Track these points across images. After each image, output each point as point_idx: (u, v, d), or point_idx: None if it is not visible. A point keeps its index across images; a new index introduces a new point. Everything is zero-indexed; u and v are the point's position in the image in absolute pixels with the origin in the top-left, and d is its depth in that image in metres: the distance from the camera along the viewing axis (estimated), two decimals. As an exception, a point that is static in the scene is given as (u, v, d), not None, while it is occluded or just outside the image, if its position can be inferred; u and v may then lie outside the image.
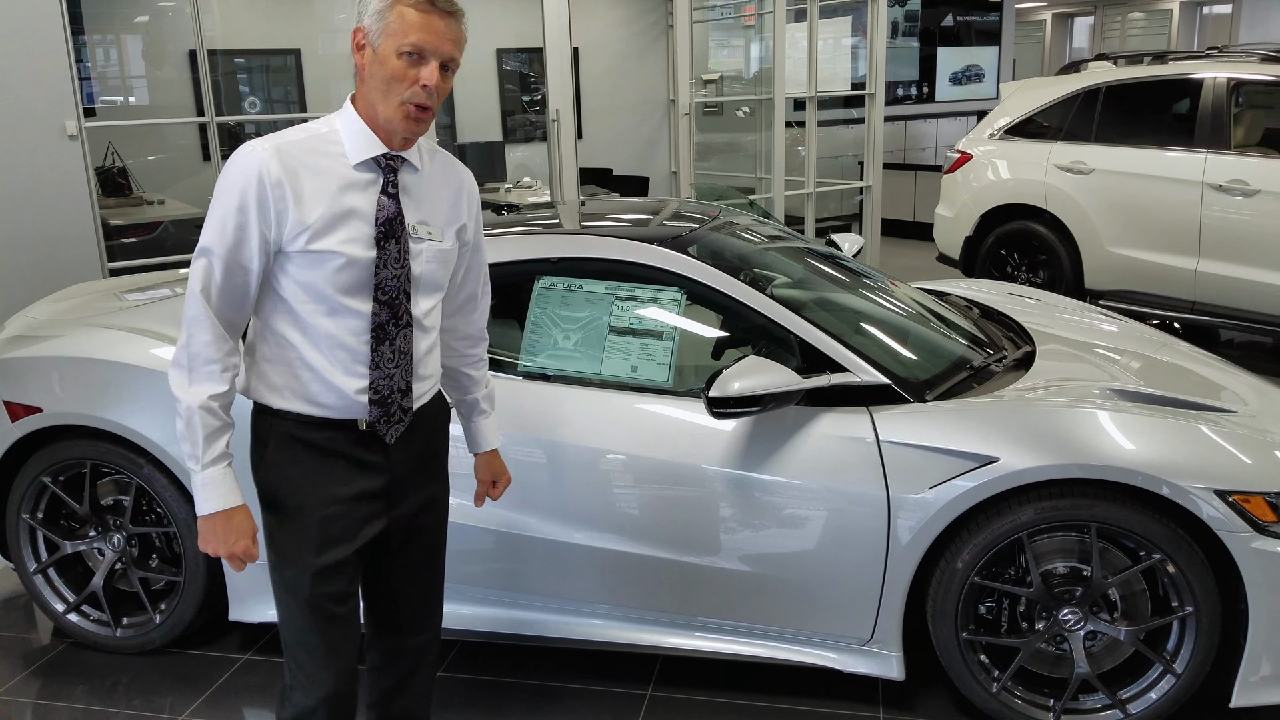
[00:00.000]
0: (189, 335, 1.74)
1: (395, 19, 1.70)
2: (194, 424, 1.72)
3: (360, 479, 1.85)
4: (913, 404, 2.55)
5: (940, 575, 2.50)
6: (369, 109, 1.77)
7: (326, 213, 1.74)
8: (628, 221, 3.31)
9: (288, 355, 1.80)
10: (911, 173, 10.35)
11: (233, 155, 1.74)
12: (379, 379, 1.81)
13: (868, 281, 3.33)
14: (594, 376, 2.68)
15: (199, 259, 1.74)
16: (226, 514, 1.76)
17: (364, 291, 1.78)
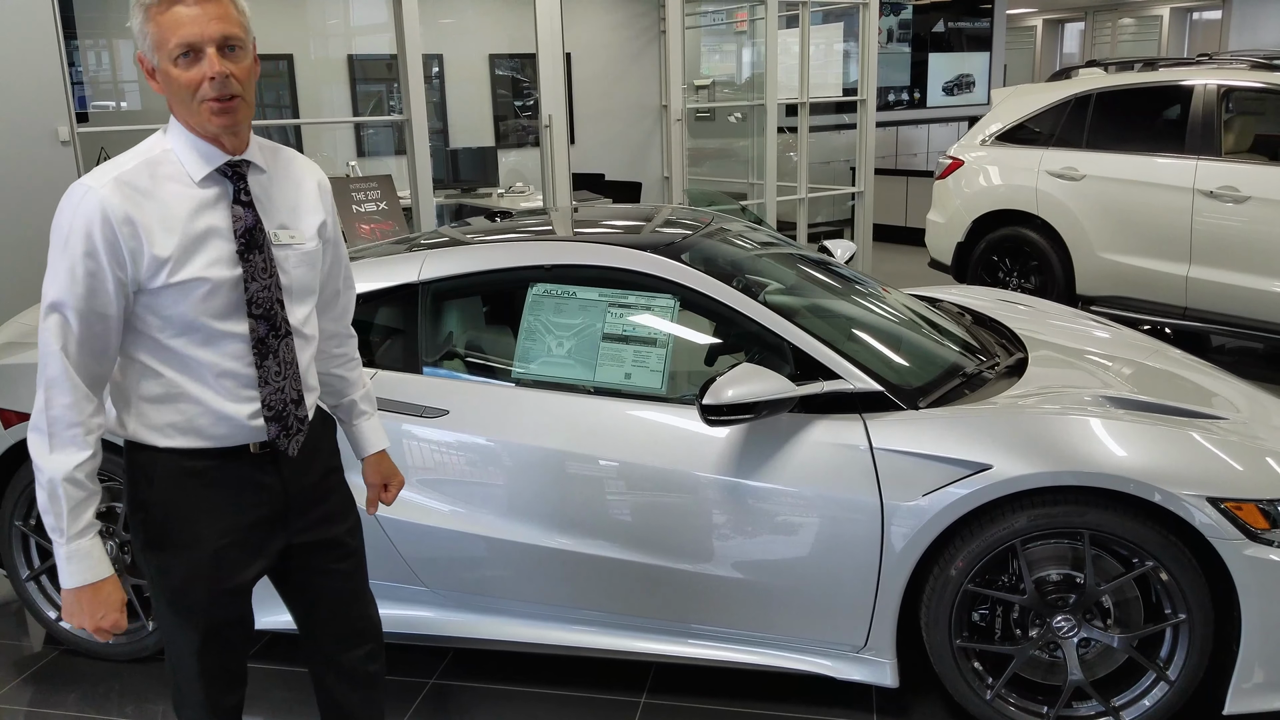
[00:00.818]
0: (48, 398, 1.61)
1: (154, 30, 1.61)
2: (58, 496, 1.61)
3: (255, 504, 1.79)
4: (906, 411, 2.55)
5: (934, 583, 2.50)
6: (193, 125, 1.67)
7: (182, 240, 1.63)
8: (621, 228, 3.32)
9: (167, 393, 1.70)
10: (903, 178, 10.39)
11: (67, 197, 1.61)
12: (270, 395, 1.74)
13: (860, 288, 3.33)
14: (587, 384, 2.68)
15: (50, 314, 1.60)
16: (94, 587, 1.66)
17: (237, 311, 1.69)
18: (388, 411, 2.68)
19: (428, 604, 2.77)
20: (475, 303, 3.09)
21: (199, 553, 1.75)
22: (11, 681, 2.96)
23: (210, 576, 1.76)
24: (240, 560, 1.79)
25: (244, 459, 1.76)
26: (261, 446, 1.77)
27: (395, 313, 2.88)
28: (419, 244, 3.07)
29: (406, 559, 2.71)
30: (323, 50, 8.12)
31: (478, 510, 2.66)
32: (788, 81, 7.94)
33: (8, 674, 3.00)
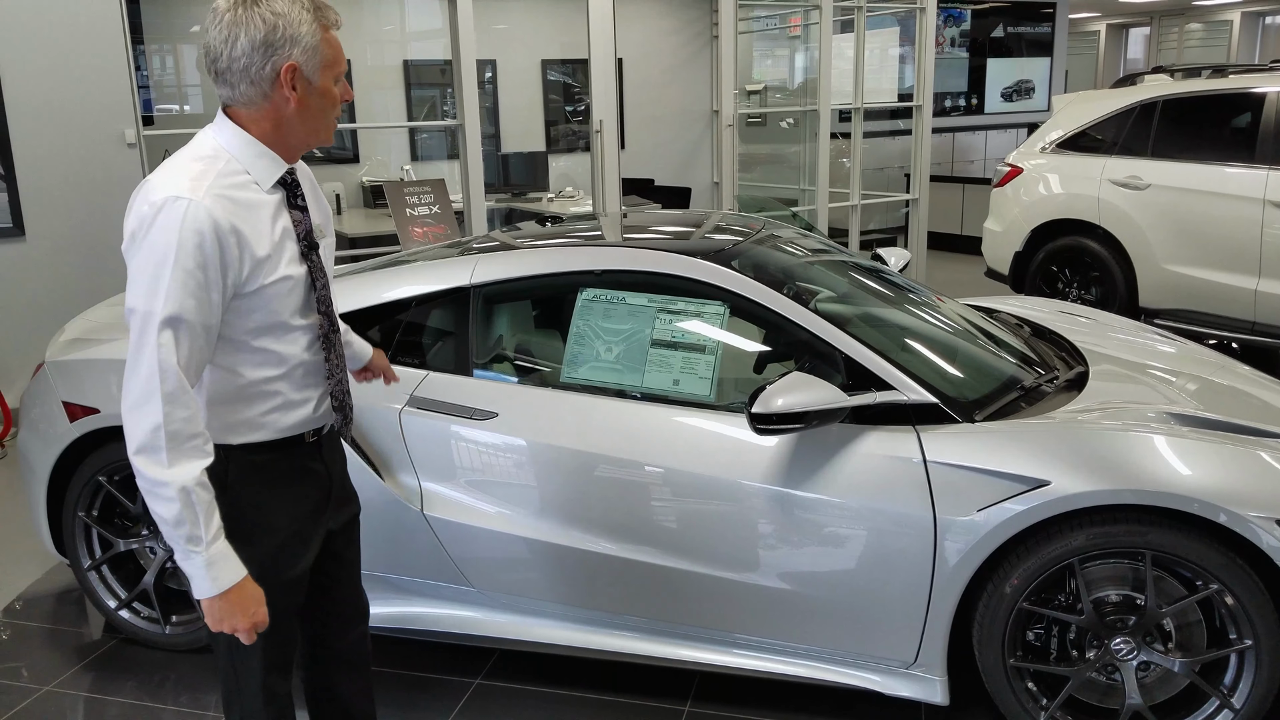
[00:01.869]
0: (167, 414, 1.59)
1: (325, 48, 1.70)
2: (192, 504, 1.60)
3: (312, 490, 1.90)
4: (961, 424, 2.50)
5: (987, 599, 2.45)
6: (274, 132, 1.72)
7: (270, 243, 1.71)
8: (671, 234, 3.30)
9: (248, 392, 1.76)
10: (959, 185, 10.23)
11: (162, 207, 1.59)
12: (335, 386, 1.87)
13: (914, 297, 3.28)
14: (635, 389, 2.67)
15: (165, 329, 1.58)
16: (239, 586, 1.66)
17: (306, 307, 1.79)
18: (437, 413, 2.70)
19: (474, 604, 2.78)
20: (526, 307, 3.10)
21: (268, 544, 1.82)
22: (72, 668, 3.04)
23: (278, 566, 1.83)
24: (302, 548, 1.88)
25: (299, 449, 1.86)
26: (313, 435, 1.87)
27: (447, 316, 2.89)
28: (470, 248, 3.09)
29: (454, 559, 2.72)
30: (379, 56, 8.24)
31: (524, 513, 2.66)
32: (842, 86, 7.88)
33: (68, 660, 3.08)
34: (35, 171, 4.96)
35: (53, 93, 4.92)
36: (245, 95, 1.69)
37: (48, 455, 3.04)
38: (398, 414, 2.72)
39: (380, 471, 2.74)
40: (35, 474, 3.10)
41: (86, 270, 5.03)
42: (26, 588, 3.56)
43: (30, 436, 3.15)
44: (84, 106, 4.97)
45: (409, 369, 2.79)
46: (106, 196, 5.06)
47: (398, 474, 2.75)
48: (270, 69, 1.66)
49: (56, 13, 4.87)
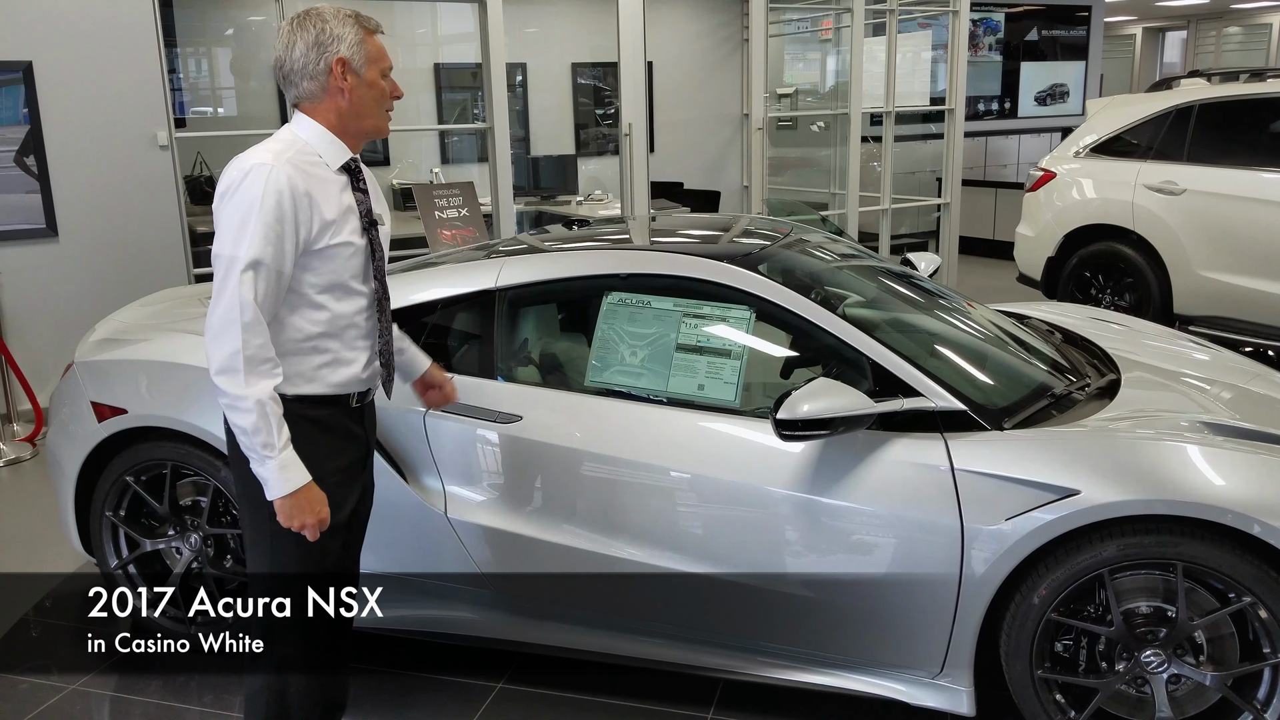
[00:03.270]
0: (245, 340, 1.90)
1: (372, 48, 2.04)
2: (266, 414, 1.91)
3: (351, 449, 2.15)
4: (989, 431, 2.47)
5: (1015, 610, 2.41)
6: (338, 122, 2.04)
7: (337, 211, 2.01)
8: (698, 238, 3.29)
9: (301, 345, 2.03)
10: (992, 190, 10.13)
11: (250, 171, 1.92)
12: (383, 347, 2.16)
13: (944, 303, 3.24)
14: (660, 394, 2.65)
15: (246, 271, 1.90)
16: (308, 488, 1.97)
17: (365, 274, 2.08)
18: (462, 415, 2.70)
19: (495, 607, 2.78)
20: (551, 310, 3.10)
21: (321, 487, 2.02)
22: (97, 667, 3.07)
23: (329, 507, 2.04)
24: (347, 496, 2.13)
25: (344, 409, 2.12)
26: (357, 400, 2.15)
27: (472, 318, 2.90)
28: (496, 251, 3.09)
29: (477, 562, 2.72)
30: (410, 59, 8.29)
31: (548, 517, 2.66)
32: (873, 90, 7.83)
33: (94, 659, 3.11)
34: (68, 173, 5.03)
35: (86, 95, 4.99)
36: (307, 91, 2.03)
37: (76, 455, 3.08)
38: (422, 417, 2.73)
39: (405, 474, 2.75)
40: (64, 473, 3.14)
41: (118, 271, 5.09)
42: (56, 586, 3.61)
43: (59, 436, 3.19)
44: (117, 109, 5.04)
45: (434, 371, 2.80)
46: (138, 198, 5.12)
47: (422, 477, 2.75)
48: (324, 64, 2.00)
49: (90, 16, 4.95)
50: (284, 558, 2.07)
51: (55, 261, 5.06)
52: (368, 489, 2.26)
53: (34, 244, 5.04)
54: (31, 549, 3.91)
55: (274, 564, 2.09)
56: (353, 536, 2.24)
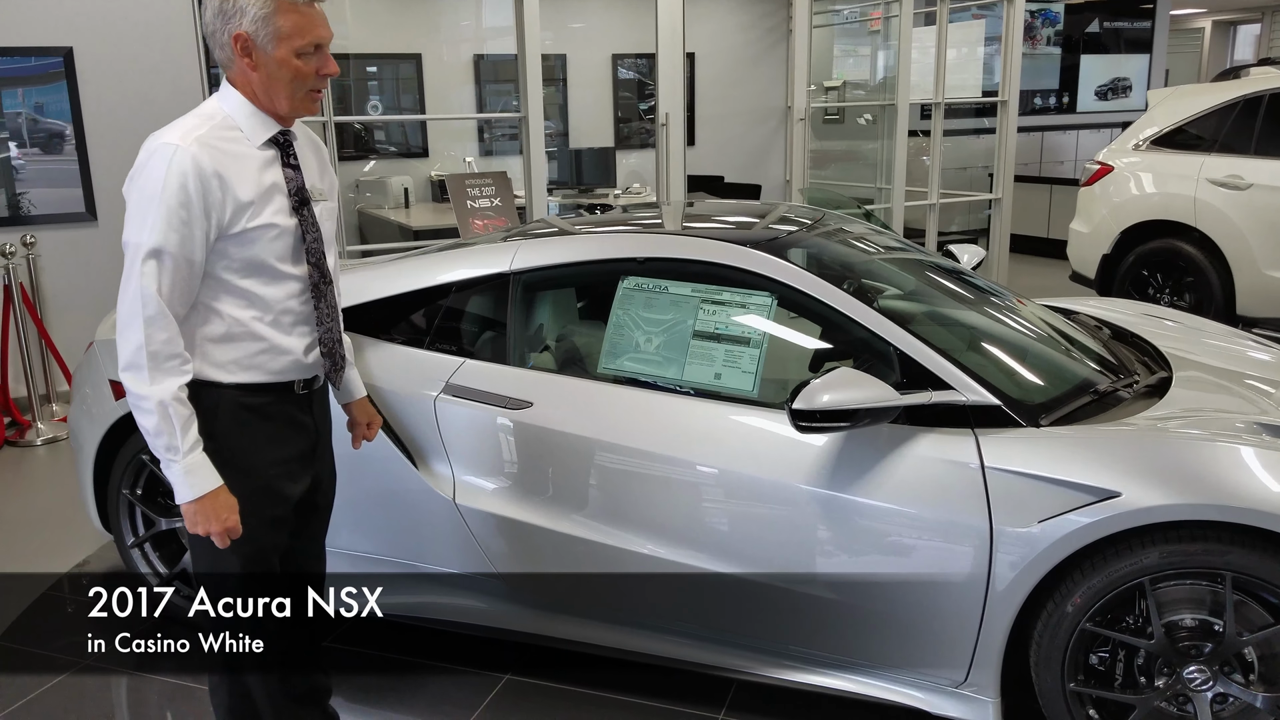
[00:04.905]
0: (148, 335, 1.78)
1: (285, 24, 1.83)
2: (168, 416, 1.79)
3: (296, 439, 2.03)
4: (1024, 428, 2.32)
5: (1047, 618, 2.26)
6: (255, 95, 1.88)
7: (255, 191, 1.86)
8: (731, 224, 3.15)
9: (234, 331, 1.91)
10: (1046, 186, 9.83)
11: (152, 153, 1.79)
12: (324, 333, 2.01)
13: (984, 295, 3.08)
14: (675, 383, 2.55)
15: (149, 260, 1.77)
16: (213, 495, 1.84)
17: (296, 256, 1.94)
18: (473, 401, 2.62)
19: (502, 597, 2.69)
20: (567, 295, 3.00)
21: (255, 480, 1.95)
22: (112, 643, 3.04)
23: (263, 502, 1.96)
24: (286, 489, 2.01)
25: (289, 398, 2.00)
26: (303, 386, 2.02)
27: (486, 302, 2.82)
28: (514, 234, 3.00)
29: (485, 550, 2.64)
30: (452, 50, 8.27)
31: (556, 507, 2.57)
32: (922, 82, 7.62)
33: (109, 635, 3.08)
34: (108, 158, 5.08)
35: (125, 81, 5.03)
36: (220, 60, 1.91)
37: (94, 432, 3.07)
38: (433, 401, 2.66)
39: (414, 459, 2.68)
40: (83, 451, 3.14)
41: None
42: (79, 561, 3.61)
43: (79, 414, 3.19)
44: (156, 94, 5.07)
45: (447, 355, 2.72)
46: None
47: (431, 462, 2.68)
48: (226, 36, 1.85)
49: (129, 3, 4.98)
50: (225, 557, 1.94)
51: (94, 245, 5.12)
52: (322, 480, 2.15)
53: (74, 228, 5.10)
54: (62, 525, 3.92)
55: (215, 563, 1.98)
56: (309, 529, 2.15)
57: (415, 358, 2.73)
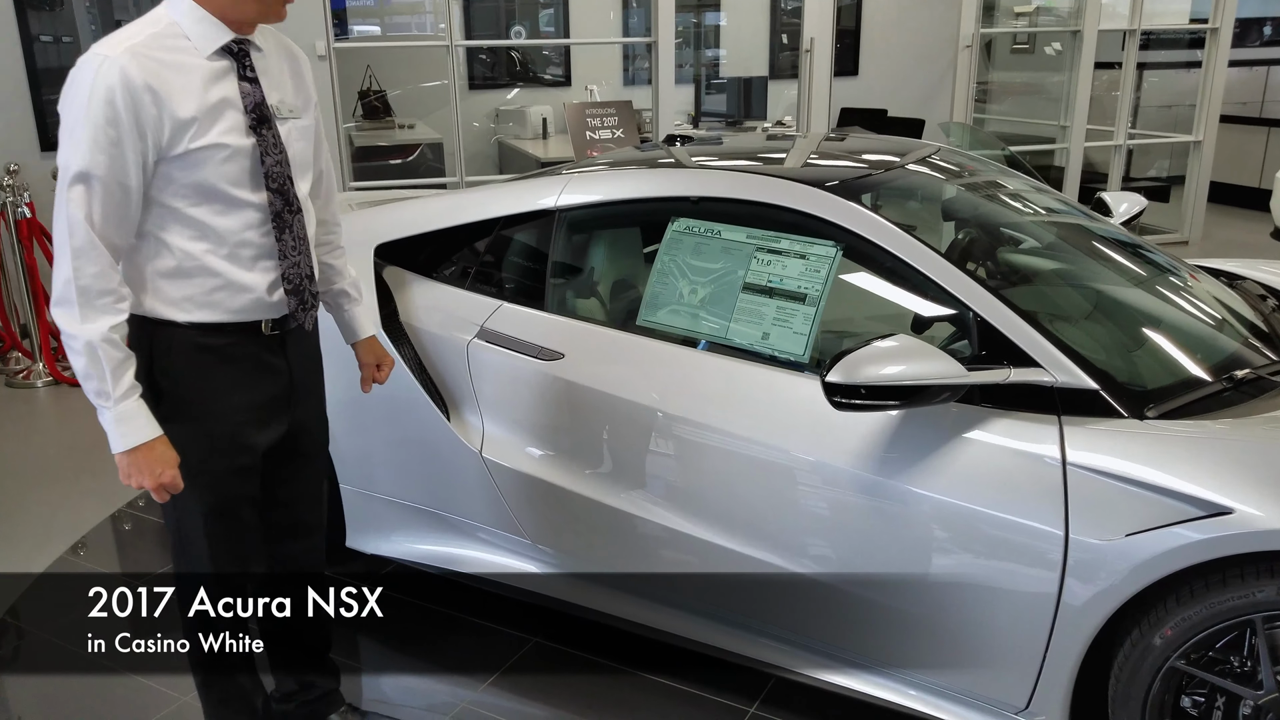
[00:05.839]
0: (75, 268, 1.61)
1: None
2: (98, 358, 1.63)
3: (266, 383, 1.85)
4: (1125, 419, 1.92)
5: (1130, 649, 1.88)
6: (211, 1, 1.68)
7: (200, 106, 1.66)
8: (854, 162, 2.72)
9: (185, 265, 1.72)
10: (1263, 129, 8.60)
11: (79, 66, 1.62)
12: (289, 269, 1.80)
13: (1124, 256, 2.61)
14: (718, 340, 2.27)
15: (74, 184, 1.61)
16: (149, 446, 1.67)
17: (253, 181, 1.73)
18: (505, 348, 2.44)
19: (530, 558, 2.54)
20: (612, 237, 2.73)
21: (217, 426, 1.79)
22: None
23: (227, 450, 1.81)
24: (252, 438, 1.84)
25: (256, 339, 1.81)
26: (272, 327, 1.82)
27: (529, 241, 2.62)
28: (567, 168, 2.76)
29: (510, 507, 2.48)
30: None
31: (582, 469, 2.37)
32: (1119, 6, 6.73)
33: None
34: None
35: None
36: None
37: None
38: (466, 346, 2.50)
39: (447, 406, 2.54)
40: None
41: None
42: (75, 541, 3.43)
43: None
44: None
45: (484, 298, 2.55)
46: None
47: (462, 410, 2.53)
48: None
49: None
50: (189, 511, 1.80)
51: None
52: (307, 425, 1.97)
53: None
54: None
55: (180, 519, 1.83)
56: (300, 478, 1.99)
57: (454, 298, 2.57)
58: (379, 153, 6.24)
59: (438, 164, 6.32)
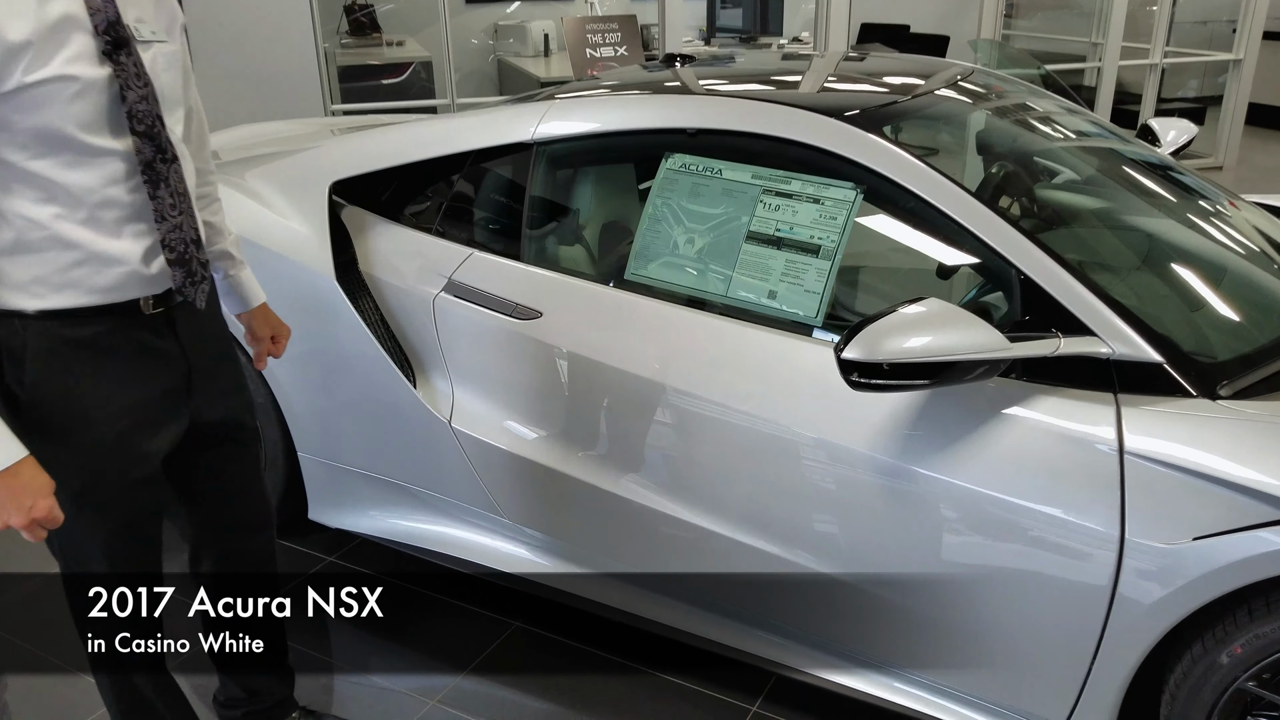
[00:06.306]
0: None
1: None
2: None
3: (158, 374, 1.52)
4: (1194, 399, 1.63)
5: (1190, 664, 1.63)
6: None
7: (37, 27, 1.30)
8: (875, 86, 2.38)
9: (29, 238, 1.37)
10: (1311, 45, 8.07)
11: None
12: (169, 233, 1.45)
13: (1181, 195, 2.29)
14: (718, 298, 1.97)
15: None
16: (12, 471, 1.32)
17: (113, 124, 1.38)
18: (472, 303, 2.15)
19: (511, 539, 2.28)
20: (598, 174, 2.39)
21: (98, 436, 1.47)
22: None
23: (119, 463, 1.50)
24: (145, 443, 1.52)
25: (136, 321, 1.47)
26: (155, 304, 1.48)
27: (503, 179, 2.30)
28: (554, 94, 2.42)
29: (484, 483, 2.22)
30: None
31: (562, 444, 2.10)
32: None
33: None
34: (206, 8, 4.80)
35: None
36: None
37: None
38: (431, 300, 2.20)
39: (411, 368, 2.26)
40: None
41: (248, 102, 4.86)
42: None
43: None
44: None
45: (452, 244, 2.24)
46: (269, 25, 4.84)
47: (430, 374, 2.25)
48: None
49: None
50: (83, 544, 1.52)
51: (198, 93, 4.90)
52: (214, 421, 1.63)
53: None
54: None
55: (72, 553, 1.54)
56: (230, 473, 1.70)
57: (419, 244, 2.27)
58: (366, 72, 5.85)
59: (431, 84, 5.93)
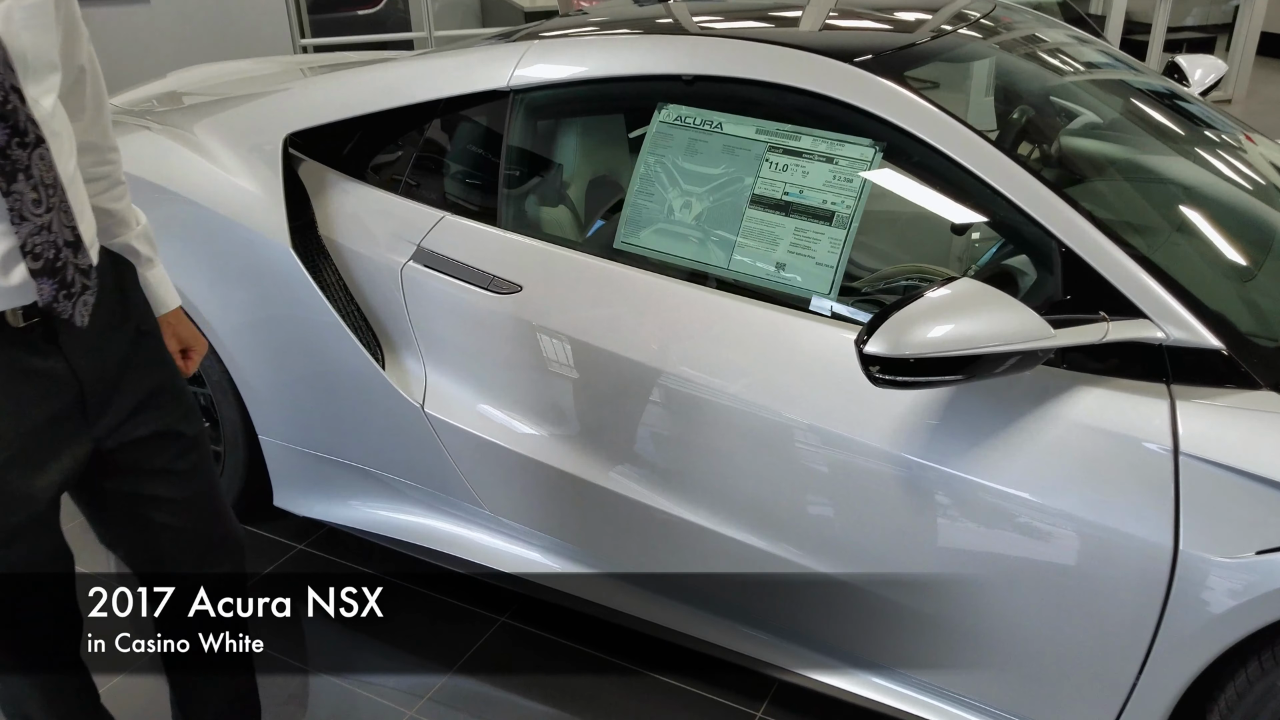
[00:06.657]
0: None
1: None
2: None
3: (35, 399, 1.25)
4: (1261, 391, 1.44)
5: (1245, 687, 1.47)
6: None
7: None
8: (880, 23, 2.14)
9: None
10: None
11: None
12: (32, 236, 1.16)
13: (1219, 144, 2.07)
14: (717, 270, 1.75)
15: None
16: None
17: None
18: (445, 274, 1.93)
19: (490, 531, 2.10)
20: (584, 127, 2.13)
21: None
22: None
23: None
24: (25, 483, 1.27)
25: (4, 338, 1.21)
26: (26, 316, 1.21)
27: (477, 132, 2.06)
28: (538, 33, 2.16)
29: (461, 472, 2.03)
30: None
31: (546, 431, 1.90)
32: None
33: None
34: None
35: None
36: None
37: None
38: (399, 270, 1.97)
39: (381, 346, 2.04)
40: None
41: (214, 38, 4.58)
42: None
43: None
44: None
45: (421, 206, 2.01)
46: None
47: (400, 353, 2.03)
48: None
49: None
50: None
51: (148, 28, 4.61)
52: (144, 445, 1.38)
53: (123, 7, 4.57)
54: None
55: None
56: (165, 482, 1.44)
57: (385, 205, 2.03)
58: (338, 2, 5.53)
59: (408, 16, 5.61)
